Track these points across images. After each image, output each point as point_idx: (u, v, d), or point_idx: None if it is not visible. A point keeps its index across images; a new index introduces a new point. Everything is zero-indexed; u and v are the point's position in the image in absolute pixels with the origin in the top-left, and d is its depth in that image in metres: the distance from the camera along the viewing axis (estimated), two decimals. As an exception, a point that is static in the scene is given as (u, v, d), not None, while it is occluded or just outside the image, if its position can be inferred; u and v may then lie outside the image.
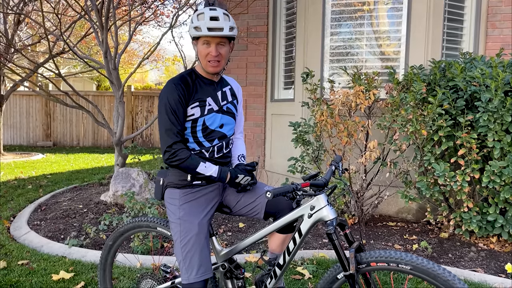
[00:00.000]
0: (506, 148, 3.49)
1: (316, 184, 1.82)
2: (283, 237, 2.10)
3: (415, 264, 1.62)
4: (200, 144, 2.02)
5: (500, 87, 3.46)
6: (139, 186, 5.08)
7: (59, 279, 3.12)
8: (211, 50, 1.94)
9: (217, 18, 1.92)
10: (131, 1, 6.27)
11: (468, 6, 4.80)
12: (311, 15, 5.04)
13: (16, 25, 8.89)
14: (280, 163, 5.60)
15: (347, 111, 4.24)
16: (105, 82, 19.40)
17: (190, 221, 1.95)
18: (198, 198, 2.02)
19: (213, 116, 2.02)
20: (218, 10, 1.96)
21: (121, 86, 5.47)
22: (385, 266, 1.69)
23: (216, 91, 2.06)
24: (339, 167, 2.01)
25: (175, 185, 2.03)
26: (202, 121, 1.99)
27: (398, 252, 1.69)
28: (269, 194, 1.67)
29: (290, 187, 1.74)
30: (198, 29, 1.92)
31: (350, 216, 4.33)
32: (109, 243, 2.38)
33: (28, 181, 6.90)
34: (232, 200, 2.12)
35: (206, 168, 1.95)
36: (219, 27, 1.91)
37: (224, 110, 2.07)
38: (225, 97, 2.09)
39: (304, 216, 1.85)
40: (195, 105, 1.97)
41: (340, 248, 1.77)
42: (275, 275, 1.97)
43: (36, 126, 12.83)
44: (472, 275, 3.15)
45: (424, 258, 1.63)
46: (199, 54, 1.98)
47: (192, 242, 1.93)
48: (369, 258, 1.73)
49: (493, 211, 3.61)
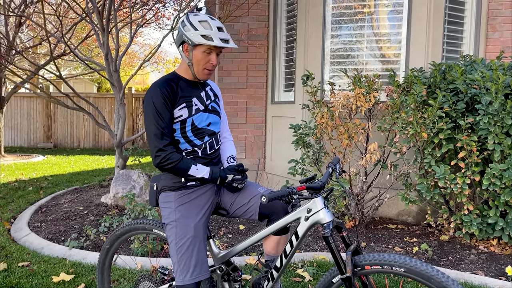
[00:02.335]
0: (506, 151, 3.50)
1: (313, 187, 1.82)
2: (277, 238, 2.10)
3: (409, 266, 1.62)
4: (192, 143, 2.04)
5: (500, 90, 3.47)
6: (140, 188, 5.08)
7: (59, 281, 3.12)
8: (211, 59, 1.97)
9: (222, 29, 1.96)
10: (132, 3, 6.29)
11: (468, 9, 4.81)
12: (312, 18, 5.05)
13: (17, 27, 8.91)
14: (280, 165, 5.60)
15: (348, 114, 4.24)
16: (106, 84, 19.42)
17: (186, 223, 1.96)
18: (194, 200, 2.03)
19: (201, 115, 2.04)
20: (216, 20, 2.00)
21: (122, 88, 5.48)
22: (379, 269, 1.69)
23: (200, 92, 2.09)
24: (336, 169, 2.00)
25: (169, 188, 2.04)
26: (190, 121, 2.01)
27: (392, 254, 1.69)
28: (264, 198, 1.67)
29: (286, 191, 1.74)
30: (208, 38, 1.91)
31: (350, 219, 4.33)
32: (106, 246, 2.39)
33: (28, 182, 6.90)
34: (227, 201, 2.13)
35: (198, 170, 1.97)
36: (227, 39, 1.95)
37: (209, 109, 2.10)
38: (209, 97, 2.13)
39: (301, 219, 1.85)
40: (182, 106, 1.99)
41: (337, 251, 1.77)
42: (272, 278, 1.97)
43: (36, 127, 12.85)
44: (473, 278, 3.14)
45: (418, 260, 1.63)
46: (194, 60, 1.98)
47: (187, 245, 1.93)
48: (364, 261, 1.73)
49: (494, 214, 3.61)
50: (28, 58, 7.75)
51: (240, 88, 5.98)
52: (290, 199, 1.77)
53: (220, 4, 5.74)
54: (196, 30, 1.93)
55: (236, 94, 5.99)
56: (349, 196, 4.24)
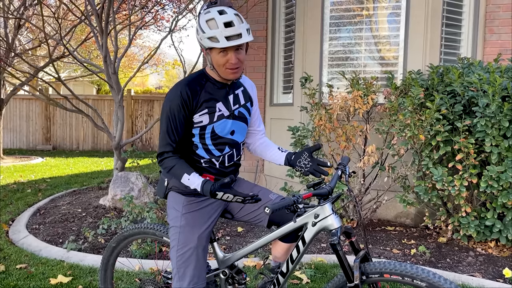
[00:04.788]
0: (503, 153, 3.51)
1: (320, 193, 1.74)
2: (287, 246, 2.05)
3: (432, 281, 1.54)
4: (210, 152, 1.92)
5: (497, 93, 3.48)
6: (138, 190, 5.08)
7: (57, 283, 3.12)
8: (229, 58, 1.77)
9: (231, 23, 1.73)
10: (131, 6, 6.30)
11: (466, 12, 4.83)
12: (310, 20, 5.06)
13: (17, 29, 8.92)
14: (278, 167, 5.60)
15: (346, 116, 4.26)
16: (105, 86, 19.43)
17: (191, 232, 1.92)
18: (202, 209, 1.97)
19: (224, 122, 1.90)
20: (228, 11, 1.75)
21: (120, 90, 5.49)
22: (399, 279, 1.61)
23: (228, 95, 1.92)
24: (346, 171, 1.89)
25: (179, 190, 1.97)
26: (211, 128, 1.88)
27: (410, 265, 1.60)
28: (267, 210, 1.56)
29: (291, 200, 1.65)
30: (214, 39, 1.73)
31: (348, 221, 4.33)
32: (112, 245, 2.38)
33: (27, 185, 6.90)
34: (236, 206, 2.07)
35: (190, 180, 1.79)
36: (237, 34, 1.72)
37: (235, 115, 1.94)
38: (237, 101, 1.95)
39: (308, 224, 1.79)
40: (203, 112, 1.85)
41: (345, 258, 1.71)
42: (278, 283, 1.94)
43: (35, 130, 12.84)
44: (470, 280, 3.15)
45: (442, 276, 1.56)
46: (214, 63, 1.81)
47: (188, 254, 1.90)
48: (375, 269, 1.66)
49: (491, 216, 3.62)
50: (27, 60, 7.76)
51: (238, 90, 5.98)
52: (295, 208, 1.66)
53: (219, 7, 5.75)
54: (203, 33, 1.76)
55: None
56: (350, 197, 4.25)
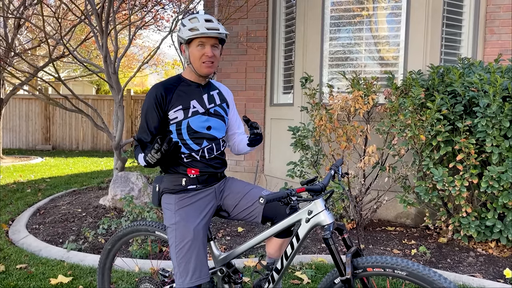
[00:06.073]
0: (504, 153, 3.50)
1: (313, 189, 1.82)
2: (281, 241, 2.11)
3: (411, 270, 1.62)
4: (188, 147, 2.06)
5: (498, 93, 3.48)
6: (138, 190, 5.07)
7: (57, 283, 3.11)
8: (206, 51, 2.00)
9: (211, 20, 2.01)
10: (131, 6, 6.30)
11: (466, 12, 4.83)
12: (310, 20, 5.06)
13: (16, 29, 8.91)
14: (279, 168, 5.60)
15: (346, 116, 4.25)
16: (105, 85, 19.42)
17: (185, 226, 1.96)
18: (194, 203, 2.04)
19: (198, 118, 2.06)
20: (207, 14, 2.06)
21: (120, 90, 5.48)
22: (381, 272, 1.69)
23: (202, 94, 2.11)
24: (339, 171, 2.00)
25: (170, 190, 2.07)
26: (186, 123, 2.04)
27: (394, 257, 1.69)
28: (262, 200, 1.66)
29: (284, 192, 1.73)
30: (195, 29, 1.97)
31: (349, 221, 4.33)
32: (107, 247, 2.38)
33: (27, 184, 6.89)
34: (230, 204, 2.13)
35: (139, 159, 2.02)
36: (216, 28, 1.99)
37: (211, 112, 2.11)
38: (213, 100, 2.14)
39: (302, 220, 1.86)
40: (177, 108, 2.03)
41: (337, 253, 1.77)
42: (273, 280, 1.97)
43: (35, 129, 12.83)
44: (471, 280, 3.15)
45: (420, 264, 1.63)
46: (192, 57, 2.03)
47: (187, 248, 1.93)
48: (365, 263, 1.73)
49: (492, 216, 3.62)
50: (27, 60, 7.75)
51: (239, 91, 5.99)
52: (288, 200, 1.74)
53: (219, 7, 5.75)
54: (184, 27, 2.01)
55: (235, 96, 5.99)
56: (348, 198, 4.25)
